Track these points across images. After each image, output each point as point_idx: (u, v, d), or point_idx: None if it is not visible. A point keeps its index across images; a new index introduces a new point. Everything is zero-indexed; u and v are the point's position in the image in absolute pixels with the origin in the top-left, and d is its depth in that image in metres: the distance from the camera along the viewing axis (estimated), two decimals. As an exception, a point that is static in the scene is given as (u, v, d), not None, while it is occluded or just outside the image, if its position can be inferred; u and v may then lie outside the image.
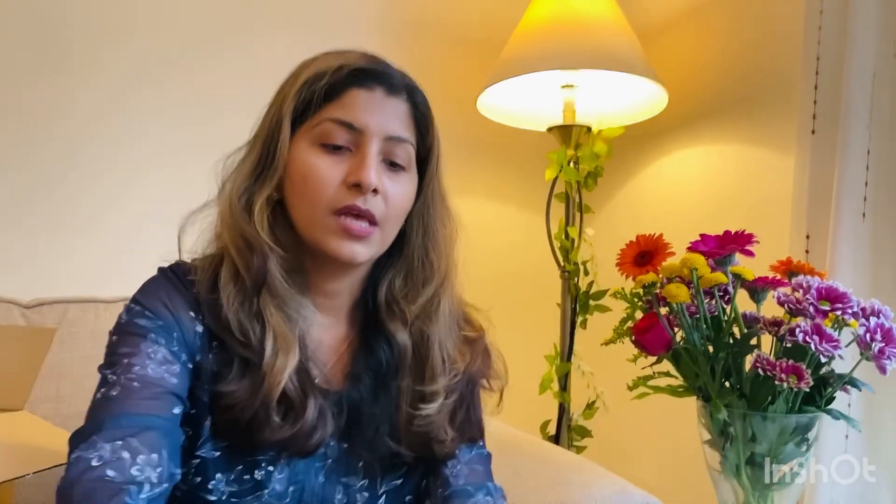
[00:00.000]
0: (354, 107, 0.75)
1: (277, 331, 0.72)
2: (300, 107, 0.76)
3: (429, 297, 0.81)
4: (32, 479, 0.96)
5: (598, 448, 1.65)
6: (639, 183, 1.83)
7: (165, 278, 0.76)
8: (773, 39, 1.47)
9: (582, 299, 1.59)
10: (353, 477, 0.80)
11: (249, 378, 0.72)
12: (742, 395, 0.79)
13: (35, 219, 1.46)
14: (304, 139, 0.76)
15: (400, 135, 0.77)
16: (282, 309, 0.74)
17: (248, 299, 0.73)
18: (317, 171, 0.74)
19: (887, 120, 1.16)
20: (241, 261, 0.74)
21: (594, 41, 1.47)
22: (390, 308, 0.81)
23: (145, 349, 0.70)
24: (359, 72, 0.76)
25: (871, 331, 0.74)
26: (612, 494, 0.97)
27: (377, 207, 0.75)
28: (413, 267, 0.82)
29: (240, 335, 0.72)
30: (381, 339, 0.81)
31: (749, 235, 0.83)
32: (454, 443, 0.82)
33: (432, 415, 0.79)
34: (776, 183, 1.42)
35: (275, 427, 0.71)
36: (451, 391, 0.81)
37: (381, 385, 0.81)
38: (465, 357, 0.83)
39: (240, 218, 0.75)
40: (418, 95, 0.81)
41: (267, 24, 1.64)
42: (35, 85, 1.46)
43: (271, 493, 0.75)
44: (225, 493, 0.74)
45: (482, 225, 1.87)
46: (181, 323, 0.73)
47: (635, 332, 0.85)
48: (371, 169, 0.74)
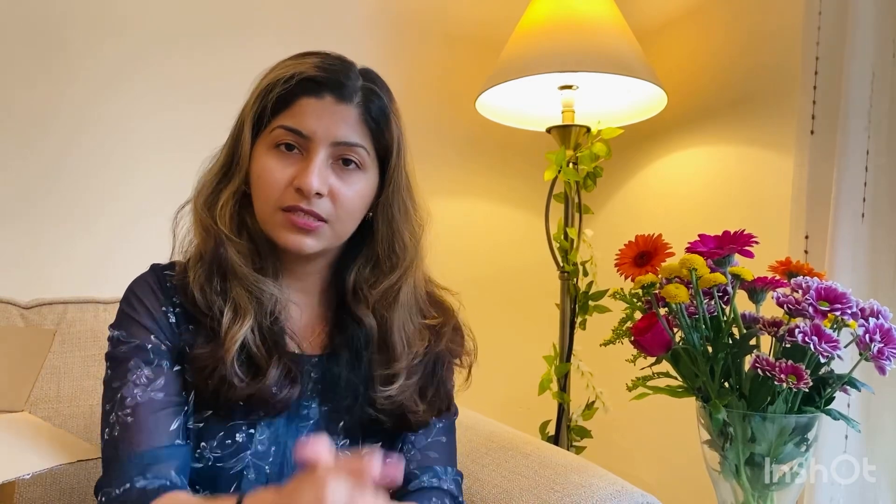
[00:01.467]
0: (304, 114, 0.80)
1: (237, 301, 0.80)
2: (258, 114, 0.82)
3: (390, 284, 0.87)
4: (33, 479, 0.96)
5: (598, 448, 1.65)
6: (638, 183, 1.83)
7: (139, 283, 0.85)
8: (772, 40, 1.47)
9: (581, 300, 1.59)
10: (334, 437, 0.85)
11: (213, 343, 0.79)
12: (741, 395, 0.80)
13: (30, 218, 1.45)
14: (262, 143, 0.82)
15: (348, 140, 0.81)
16: (244, 287, 0.82)
17: (211, 278, 0.82)
18: (268, 173, 0.81)
19: (886, 121, 1.16)
20: (203, 246, 0.83)
21: (593, 43, 1.47)
22: (355, 293, 0.88)
23: (130, 377, 0.79)
24: (309, 81, 0.81)
25: (870, 331, 0.74)
26: (611, 494, 0.97)
27: (322, 208, 0.80)
28: (379, 256, 0.88)
29: (204, 308, 0.81)
30: (351, 320, 0.87)
31: (748, 236, 0.83)
32: (427, 413, 0.88)
33: (395, 395, 0.84)
34: (775, 183, 1.42)
35: (239, 385, 0.78)
36: (413, 372, 0.87)
37: (355, 356, 0.87)
38: (425, 341, 0.89)
39: (202, 212, 0.84)
40: (374, 100, 0.84)
41: (264, 20, 1.64)
42: (27, 84, 1.45)
43: (254, 453, 0.81)
44: (210, 458, 0.80)
45: (481, 225, 1.88)
46: (153, 325, 0.81)
47: (634, 332, 0.85)
48: (313, 175, 0.79)
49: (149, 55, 1.54)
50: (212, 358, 0.78)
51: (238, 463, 0.80)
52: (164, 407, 0.79)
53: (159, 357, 0.80)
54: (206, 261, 0.82)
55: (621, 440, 1.81)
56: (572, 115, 1.56)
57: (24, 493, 1.06)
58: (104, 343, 1.17)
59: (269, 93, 0.81)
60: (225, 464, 0.80)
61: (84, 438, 1.03)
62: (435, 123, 1.80)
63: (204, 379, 0.79)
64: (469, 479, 1.07)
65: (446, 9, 1.83)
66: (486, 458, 1.11)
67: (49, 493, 1.08)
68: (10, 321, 1.16)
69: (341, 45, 1.85)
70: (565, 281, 1.60)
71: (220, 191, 0.84)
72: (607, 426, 1.69)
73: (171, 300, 0.83)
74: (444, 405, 0.91)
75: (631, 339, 0.86)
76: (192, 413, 0.81)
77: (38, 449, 0.85)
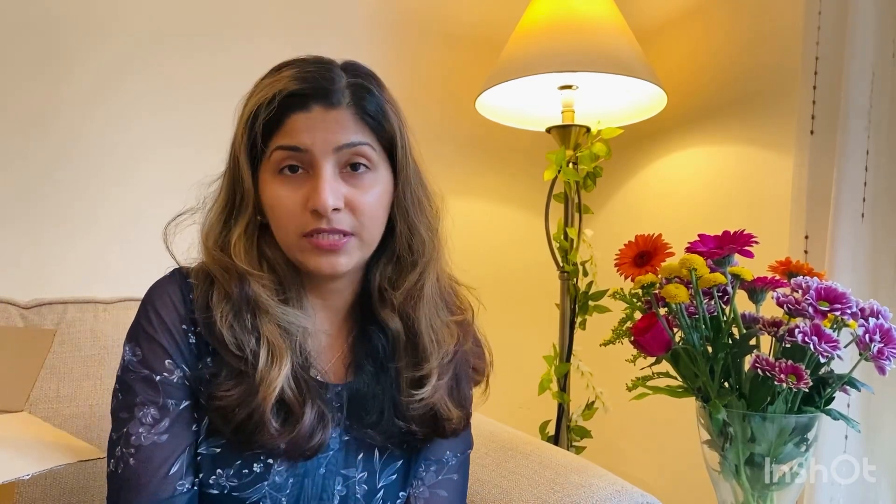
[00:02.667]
0: (296, 131, 0.76)
1: (271, 341, 0.76)
2: (251, 142, 0.78)
3: (413, 281, 0.83)
4: (32, 479, 0.96)
5: (598, 448, 1.65)
6: (638, 183, 1.83)
7: (160, 294, 0.79)
8: (772, 40, 1.47)
9: (581, 300, 1.59)
10: (352, 469, 0.82)
11: (244, 384, 0.75)
12: (741, 395, 0.79)
13: (30, 218, 1.45)
14: (265, 171, 0.78)
15: (350, 141, 0.77)
16: (275, 323, 0.77)
17: (240, 315, 0.77)
18: (280, 202, 0.77)
19: (886, 121, 1.16)
20: (226, 285, 0.78)
21: (593, 43, 1.47)
22: (381, 296, 0.84)
23: (136, 414, 0.76)
24: (291, 97, 0.76)
25: (870, 331, 0.74)
26: (611, 494, 0.97)
27: (344, 222, 0.77)
28: (399, 253, 0.84)
29: (235, 349, 0.76)
30: (376, 328, 0.84)
31: (748, 236, 0.83)
32: (460, 421, 0.86)
33: (427, 397, 0.81)
34: (775, 183, 1.42)
35: (273, 433, 0.74)
36: (444, 371, 0.84)
37: (380, 368, 0.84)
38: (454, 337, 0.86)
39: (216, 255, 0.79)
40: (365, 96, 0.79)
41: (264, 20, 1.64)
42: (27, 84, 1.45)
43: (271, 484, 0.78)
44: (226, 486, 0.77)
45: (481, 225, 1.88)
46: (171, 345, 0.77)
47: (634, 332, 0.85)
48: (325, 192, 0.74)
49: (147, 55, 1.54)
50: (244, 403, 0.74)
51: (254, 493, 0.77)
52: (168, 451, 0.75)
53: (168, 395, 0.76)
54: (233, 299, 0.77)
55: (621, 440, 1.81)
56: (572, 115, 1.56)
57: (23, 492, 1.06)
58: (104, 343, 1.18)
59: (255, 120, 0.77)
60: (241, 493, 0.77)
61: (84, 438, 1.03)
62: (435, 123, 1.80)
63: (226, 420, 0.75)
64: (469, 479, 1.07)
65: (446, 9, 1.83)
66: (486, 458, 1.11)
67: (49, 494, 1.08)
68: (9, 321, 1.16)
69: (341, 45, 1.85)
70: (565, 281, 1.60)
71: (231, 228, 0.80)
72: (607, 426, 1.69)
73: (193, 319, 0.78)
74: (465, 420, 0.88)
75: (631, 339, 0.86)
76: (205, 438, 0.77)
77: (37, 449, 0.85)
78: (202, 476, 0.77)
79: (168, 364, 0.77)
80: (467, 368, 0.89)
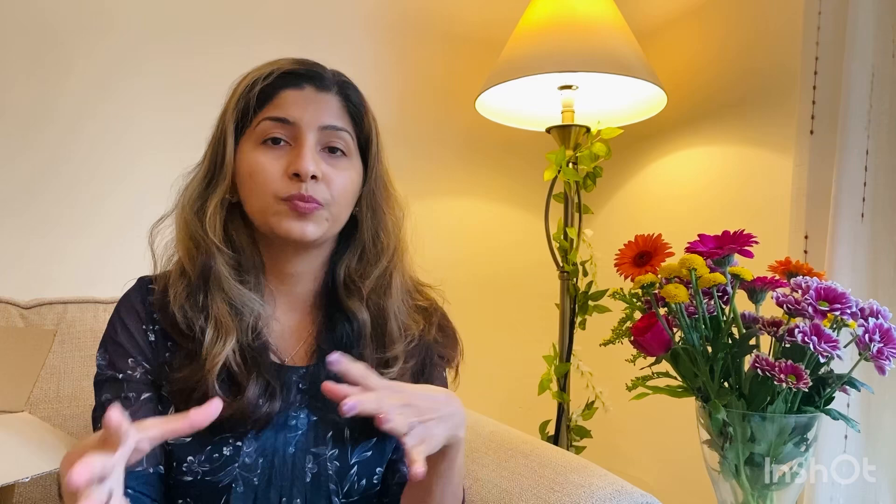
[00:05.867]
0: (287, 104, 0.83)
1: (219, 319, 0.80)
2: (240, 115, 0.84)
3: (381, 272, 0.88)
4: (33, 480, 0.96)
5: (598, 448, 1.65)
6: (637, 183, 1.83)
7: (124, 301, 0.86)
8: (772, 40, 1.47)
9: (581, 300, 1.59)
10: (322, 447, 0.84)
11: (194, 363, 0.80)
12: (741, 395, 0.80)
13: (30, 218, 1.45)
14: (247, 142, 0.84)
15: (334, 124, 0.84)
16: (227, 302, 0.82)
17: (194, 294, 0.82)
18: (261, 167, 0.82)
19: (886, 120, 1.16)
20: (188, 260, 0.83)
21: (593, 43, 1.47)
22: (347, 287, 0.88)
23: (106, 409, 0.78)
24: (288, 74, 0.84)
25: (869, 331, 0.75)
26: (611, 494, 0.97)
27: (320, 192, 0.81)
28: (365, 247, 0.89)
29: (184, 327, 0.81)
30: (342, 318, 0.88)
31: (748, 236, 0.83)
32: None
33: (395, 378, 0.84)
34: (775, 183, 1.42)
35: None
36: (410, 356, 0.88)
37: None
38: (418, 323, 0.90)
39: (191, 223, 0.84)
40: (350, 90, 0.87)
41: (263, 20, 1.64)
42: (25, 83, 1.45)
43: (241, 465, 0.80)
44: (198, 472, 0.80)
45: (481, 225, 1.88)
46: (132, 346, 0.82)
47: (634, 332, 0.85)
48: (307, 158, 0.80)
49: (146, 54, 1.54)
50: (192, 379, 0.79)
51: (226, 476, 0.80)
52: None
53: (129, 389, 0.81)
54: (191, 276, 0.82)
55: (621, 440, 1.81)
56: (572, 115, 1.56)
57: (23, 493, 1.06)
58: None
59: (251, 90, 0.83)
60: (213, 477, 0.80)
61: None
62: (435, 123, 1.80)
63: (184, 400, 0.79)
64: (469, 479, 1.07)
65: (446, 9, 1.83)
66: (486, 458, 1.11)
67: (49, 494, 1.08)
68: (10, 321, 1.16)
69: (341, 45, 1.85)
70: (565, 281, 1.60)
71: (208, 198, 0.84)
72: (607, 426, 1.69)
73: (151, 317, 0.84)
74: None
75: (631, 339, 0.86)
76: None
77: (38, 450, 0.85)
78: (175, 465, 0.80)
79: (130, 362, 0.82)
80: (431, 356, 0.92)
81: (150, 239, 0.87)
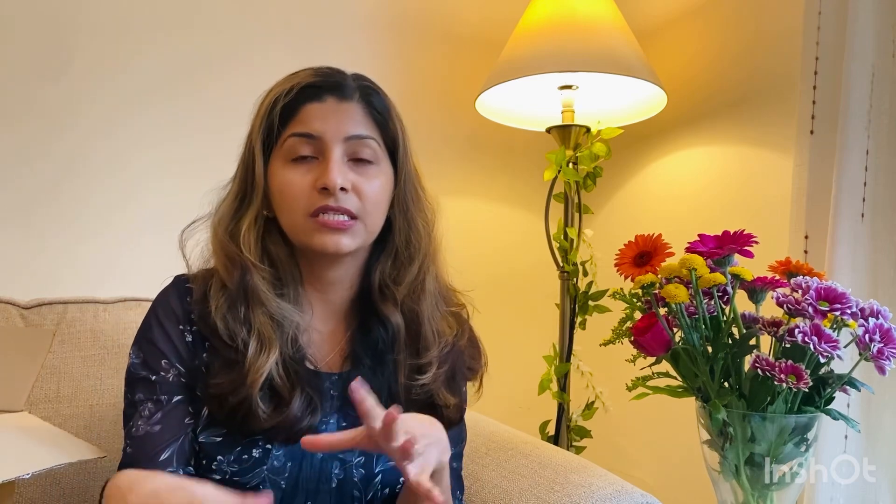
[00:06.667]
0: (310, 119, 0.82)
1: (262, 331, 0.81)
2: (266, 134, 0.84)
3: (414, 276, 0.88)
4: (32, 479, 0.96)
5: (598, 448, 1.65)
6: (638, 183, 1.83)
7: (162, 301, 0.86)
8: (772, 40, 1.47)
9: (581, 300, 1.59)
10: (349, 454, 0.85)
11: (235, 372, 0.80)
12: (741, 395, 0.80)
13: (36, 221, 1.45)
14: (277, 160, 0.84)
15: (359, 133, 0.83)
16: (268, 315, 0.82)
17: (235, 307, 0.82)
18: (289, 184, 0.82)
19: (886, 120, 1.16)
20: (226, 275, 0.83)
21: (593, 43, 1.47)
22: (382, 292, 0.88)
23: (138, 408, 0.82)
24: (308, 88, 0.84)
25: (869, 331, 0.74)
26: (611, 494, 0.97)
27: (351, 203, 0.82)
28: (398, 250, 0.89)
29: (227, 338, 0.81)
30: (377, 323, 0.88)
31: (748, 236, 0.83)
32: (457, 410, 0.89)
33: (428, 383, 0.85)
34: (775, 183, 1.42)
35: (263, 416, 0.79)
36: (443, 361, 0.88)
37: (378, 361, 0.87)
38: (452, 328, 0.90)
39: (224, 241, 0.84)
40: (373, 95, 0.86)
41: (266, 34, 1.64)
42: (42, 89, 1.45)
43: (270, 468, 0.81)
44: (227, 472, 0.81)
45: (481, 225, 1.88)
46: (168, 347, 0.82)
47: (634, 332, 0.85)
48: (334, 171, 0.80)
49: (166, 73, 1.54)
50: (234, 389, 0.79)
51: (254, 478, 0.81)
52: (159, 440, 0.80)
53: (164, 391, 0.82)
54: (231, 290, 0.82)
55: (621, 440, 1.80)
56: (572, 115, 1.56)
57: (23, 492, 1.06)
58: (104, 343, 1.18)
59: (274, 108, 0.83)
60: (241, 478, 0.80)
61: (84, 438, 1.03)
62: (435, 123, 1.79)
63: (220, 405, 0.79)
64: (469, 479, 1.07)
65: (446, 9, 1.83)
66: (486, 458, 1.12)
67: (49, 494, 1.08)
68: (9, 321, 1.16)
69: (341, 46, 1.85)
70: (565, 281, 1.60)
71: (241, 217, 0.84)
72: (607, 426, 1.69)
73: (189, 318, 0.83)
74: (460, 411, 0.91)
75: (631, 339, 0.86)
76: (205, 427, 0.82)
77: (37, 449, 0.85)
78: (205, 463, 0.81)
79: (164, 364, 0.82)
80: (462, 364, 0.92)
81: (181, 243, 0.87)
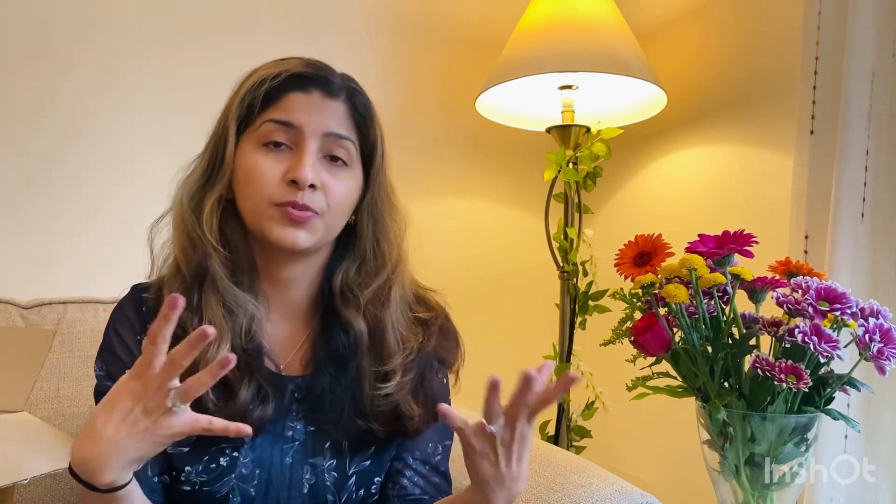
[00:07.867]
0: (292, 108, 0.80)
1: (213, 321, 0.79)
2: (244, 113, 0.82)
3: (380, 284, 0.86)
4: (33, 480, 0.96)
5: (598, 448, 1.65)
6: (638, 183, 1.83)
7: (118, 312, 0.85)
8: (772, 40, 1.47)
9: (581, 300, 1.59)
10: (319, 458, 0.84)
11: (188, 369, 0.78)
12: (741, 395, 0.80)
13: (29, 217, 1.45)
14: (248, 142, 0.81)
15: (338, 132, 0.82)
16: (222, 304, 0.80)
17: (188, 295, 0.79)
18: (259, 170, 0.80)
19: (886, 120, 1.16)
20: (184, 259, 0.81)
21: (593, 43, 1.47)
22: (344, 295, 0.86)
23: None
24: (296, 76, 0.81)
25: (869, 331, 0.75)
26: (611, 494, 0.97)
27: (316, 202, 0.80)
28: (365, 257, 0.87)
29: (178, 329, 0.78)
30: (338, 327, 0.85)
31: (748, 236, 0.83)
32: (423, 420, 0.86)
33: (392, 393, 0.83)
34: (775, 183, 1.42)
35: (213, 408, 0.76)
36: (408, 369, 0.86)
37: (340, 368, 0.85)
38: (417, 336, 0.88)
39: (188, 220, 0.82)
40: (358, 97, 0.85)
41: (263, 21, 1.64)
42: (24, 80, 1.44)
43: (239, 476, 0.80)
44: (196, 482, 0.80)
45: (481, 225, 1.88)
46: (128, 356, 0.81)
47: (634, 332, 0.85)
48: (307, 166, 0.78)
49: (144, 54, 1.54)
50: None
51: (223, 486, 0.80)
52: None
53: None
54: (186, 275, 0.81)
55: (621, 440, 1.80)
56: (572, 115, 1.56)
57: (23, 493, 1.06)
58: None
59: (257, 89, 0.81)
60: (211, 487, 0.80)
61: (84, 438, 1.03)
62: (435, 123, 1.79)
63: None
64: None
65: (446, 9, 1.83)
66: (486, 458, 1.11)
67: (49, 494, 1.08)
68: (9, 321, 1.16)
69: (341, 45, 1.85)
70: (565, 281, 1.60)
71: (205, 195, 0.82)
72: (607, 426, 1.69)
73: (145, 327, 0.81)
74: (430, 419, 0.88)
75: (631, 339, 0.86)
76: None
77: (37, 450, 0.85)
78: (174, 474, 0.80)
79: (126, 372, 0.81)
80: (432, 369, 0.90)
81: (150, 238, 0.85)
